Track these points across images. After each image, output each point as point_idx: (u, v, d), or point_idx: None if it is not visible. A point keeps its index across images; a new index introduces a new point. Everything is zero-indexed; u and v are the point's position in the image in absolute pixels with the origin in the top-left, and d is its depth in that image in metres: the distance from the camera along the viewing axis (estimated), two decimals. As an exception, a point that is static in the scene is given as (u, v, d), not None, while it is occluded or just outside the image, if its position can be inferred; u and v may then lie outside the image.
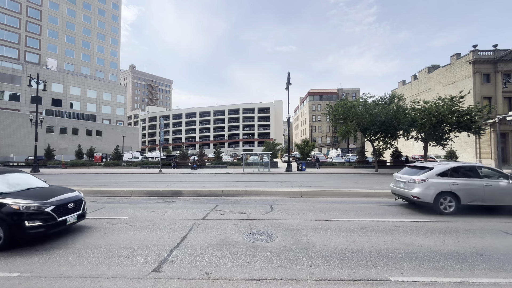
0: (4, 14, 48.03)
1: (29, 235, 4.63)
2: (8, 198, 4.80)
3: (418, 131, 23.06)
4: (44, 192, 5.51)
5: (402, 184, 8.21)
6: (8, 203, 4.66)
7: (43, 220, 4.73)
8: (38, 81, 22.98)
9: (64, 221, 5.10)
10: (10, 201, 4.70)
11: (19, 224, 4.53)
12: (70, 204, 5.33)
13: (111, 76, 63.62)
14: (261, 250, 4.61)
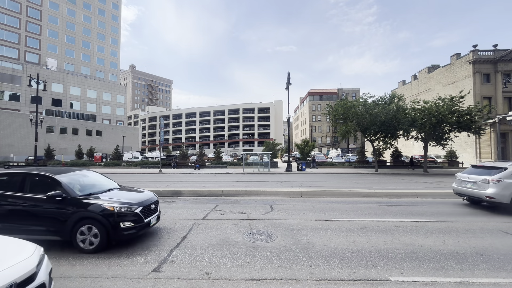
0: (4, 14, 48.03)
1: (123, 236, 4.60)
2: (99, 200, 4.76)
3: (418, 131, 23.06)
4: (126, 193, 5.47)
5: (471, 184, 8.13)
6: (103, 204, 4.62)
7: (133, 221, 4.70)
8: (38, 81, 22.97)
9: (149, 222, 5.05)
10: (104, 202, 4.67)
11: (115, 225, 4.49)
12: (152, 205, 5.31)
13: (111, 76, 63.61)
14: (261, 250, 4.61)
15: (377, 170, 24.64)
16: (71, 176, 5.29)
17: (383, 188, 12.35)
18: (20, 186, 4.89)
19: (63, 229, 4.49)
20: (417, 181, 16.16)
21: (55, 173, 5.15)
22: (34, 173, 5.11)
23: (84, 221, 4.52)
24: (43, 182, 5.02)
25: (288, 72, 24.38)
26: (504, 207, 7.42)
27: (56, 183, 4.86)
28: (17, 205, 4.71)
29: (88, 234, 4.51)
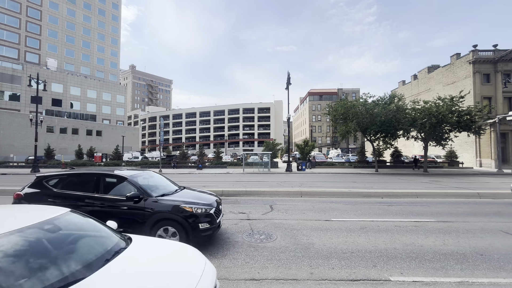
0: (4, 14, 48.02)
1: (201, 238, 4.56)
2: (175, 201, 4.72)
3: (418, 131, 23.06)
4: (194, 193, 5.44)
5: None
6: (181, 205, 4.59)
7: (209, 222, 4.67)
8: (38, 81, 22.97)
9: (219, 223, 5.04)
10: (182, 203, 4.64)
11: (194, 226, 4.45)
12: (220, 206, 5.33)
13: (111, 76, 63.61)
14: (261, 250, 4.61)
15: (377, 170, 24.64)
16: (142, 177, 5.26)
17: (383, 188, 12.35)
18: (95, 187, 4.83)
19: (142, 231, 4.43)
20: (417, 181, 16.16)
21: (127, 173, 5.13)
22: (108, 174, 5.10)
23: (163, 222, 4.49)
24: (117, 182, 5.04)
25: (288, 72, 24.38)
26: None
27: (131, 184, 4.83)
28: (94, 205, 4.66)
29: (166, 236, 4.45)
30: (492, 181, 16.79)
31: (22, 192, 4.99)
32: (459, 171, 24.58)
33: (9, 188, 11.18)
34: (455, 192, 10.92)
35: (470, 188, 12.48)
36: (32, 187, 5.11)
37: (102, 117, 59.32)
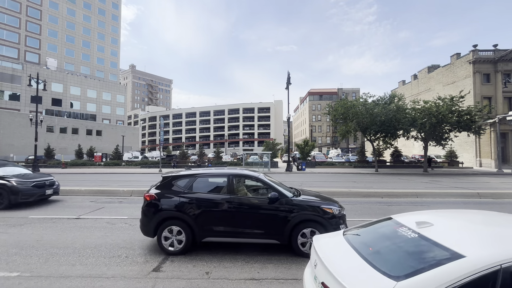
0: (4, 14, 48.01)
1: None
2: (310, 201, 4.62)
3: (418, 131, 23.06)
4: (313, 193, 5.40)
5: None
6: (321, 206, 4.48)
7: (345, 224, 4.57)
8: (38, 80, 22.95)
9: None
10: (320, 205, 4.54)
11: (336, 229, 4.23)
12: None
13: (111, 75, 63.60)
14: (261, 250, 4.61)
15: (377, 170, 24.65)
16: (265, 176, 5.17)
17: (383, 188, 12.36)
18: (228, 188, 4.70)
19: (282, 232, 4.34)
20: (417, 181, 16.17)
21: (256, 174, 5.09)
22: (240, 174, 5.05)
23: (305, 224, 4.37)
24: (253, 183, 5.02)
25: (288, 72, 24.37)
26: None
27: (266, 184, 4.79)
28: (233, 208, 4.53)
29: (310, 238, 4.33)
30: (492, 181, 16.79)
31: (153, 193, 4.77)
32: (459, 171, 24.59)
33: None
34: (455, 192, 10.93)
35: (470, 188, 12.48)
36: (160, 188, 4.90)
37: (102, 116, 59.33)
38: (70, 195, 10.42)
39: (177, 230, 4.44)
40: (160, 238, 4.44)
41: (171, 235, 4.45)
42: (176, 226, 4.45)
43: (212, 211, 4.51)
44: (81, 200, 9.44)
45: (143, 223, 4.64)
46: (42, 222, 6.43)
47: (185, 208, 4.50)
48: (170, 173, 5.17)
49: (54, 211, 7.77)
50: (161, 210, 4.54)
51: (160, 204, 4.60)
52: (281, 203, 4.48)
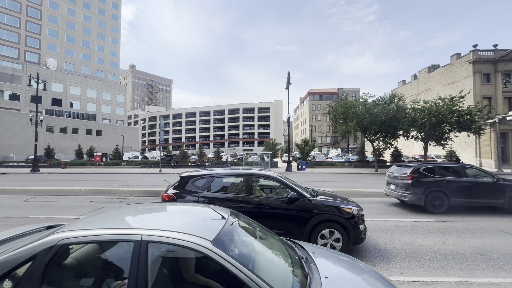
0: (4, 14, 48.00)
1: (360, 240, 4.43)
2: (330, 201, 4.63)
3: (418, 131, 23.05)
4: (331, 195, 5.38)
5: None
6: (340, 206, 4.48)
7: (364, 223, 4.59)
8: (38, 80, 22.95)
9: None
10: (340, 205, 4.52)
11: (355, 228, 4.32)
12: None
13: (111, 75, 63.59)
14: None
15: (377, 170, 24.65)
16: (284, 177, 5.15)
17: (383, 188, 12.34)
18: (247, 188, 4.67)
19: (302, 233, 4.31)
20: (417, 181, 16.13)
21: (273, 174, 5.06)
22: (258, 174, 5.02)
23: (325, 224, 4.34)
24: (265, 182, 5.00)
25: (288, 71, 24.37)
26: None
27: (285, 185, 4.77)
28: (252, 207, 4.47)
29: (330, 238, 4.33)
30: (492, 181, 16.76)
31: (171, 193, 4.73)
32: (459, 171, 24.54)
33: (9, 188, 11.19)
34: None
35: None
36: (178, 188, 4.86)
37: (102, 116, 59.32)
38: (70, 195, 10.42)
39: None
40: None
41: None
42: None
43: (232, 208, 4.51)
44: (81, 200, 9.44)
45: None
46: (42, 222, 6.42)
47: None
48: (188, 173, 5.15)
49: (54, 211, 7.76)
50: None
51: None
52: (300, 203, 4.46)
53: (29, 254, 1.75)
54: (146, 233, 1.83)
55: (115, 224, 2.15)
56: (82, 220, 2.24)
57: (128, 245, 1.82)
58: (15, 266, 1.73)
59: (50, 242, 1.78)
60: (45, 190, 10.85)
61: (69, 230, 1.91)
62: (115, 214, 2.48)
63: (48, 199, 9.56)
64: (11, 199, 9.51)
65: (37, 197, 10.05)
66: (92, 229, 1.94)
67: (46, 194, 10.53)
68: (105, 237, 1.87)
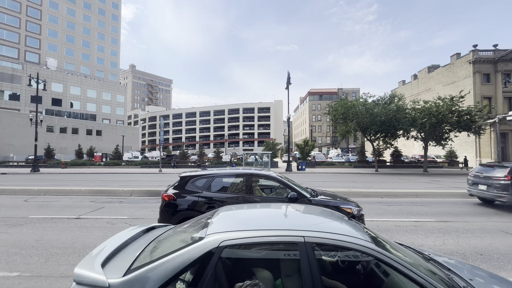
0: (4, 14, 48.00)
1: None
2: (329, 201, 4.64)
3: (418, 131, 23.06)
4: (330, 195, 5.35)
5: None
6: (340, 207, 4.44)
7: (363, 223, 4.59)
8: (38, 80, 22.95)
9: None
10: (341, 205, 4.51)
11: None
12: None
13: (111, 75, 63.60)
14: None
15: (377, 170, 24.65)
16: (283, 176, 5.14)
17: (383, 188, 12.36)
18: (247, 187, 4.69)
19: None
20: (417, 181, 16.17)
21: (273, 174, 5.07)
22: (258, 174, 5.04)
23: None
24: (270, 183, 5.02)
25: (288, 71, 24.39)
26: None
27: (284, 184, 4.77)
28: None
29: None
30: (492, 181, 16.77)
31: (171, 193, 4.71)
32: (459, 171, 24.59)
33: (9, 188, 11.19)
34: (455, 192, 10.92)
35: (470, 188, 12.46)
36: (178, 188, 4.84)
37: (102, 116, 59.32)
38: (70, 195, 10.42)
39: None
40: None
41: None
42: None
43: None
44: (81, 200, 9.44)
45: (161, 223, 4.62)
46: (42, 222, 6.43)
47: (205, 208, 4.49)
48: (188, 173, 5.14)
49: (54, 211, 7.77)
50: (180, 210, 4.53)
51: (178, 204, 4.58)
52: (300, 203, 4.48)
53: (190, 258, 1.73)
54: (308, 235, 1.81)
55: (259, 225, 2.10)
56: (215, 223, 2.12)
57: (293, 246, 1.82)
58: (180, 271, 1.70)
59: (211, 245, 1.77)
60: (45, 190, 10.86)
61: (222, 232, 1.88)
62: (244, 215, 2.47)
63: (48, 199, 9.56)
64: (11, 199, 9.52)
65: (37, 197, 10.05)
66: (251, 231, 1.91)
67: (46, 194, 10.54)
68: (268, 238, 1.84)
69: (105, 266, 1.83)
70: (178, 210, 4.53)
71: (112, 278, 1.68)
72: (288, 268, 1.94)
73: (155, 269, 1.70)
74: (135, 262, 1.87)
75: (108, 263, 1.89)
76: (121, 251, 2.09)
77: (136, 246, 2.20)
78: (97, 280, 1.67)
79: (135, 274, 1.69)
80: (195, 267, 1.76)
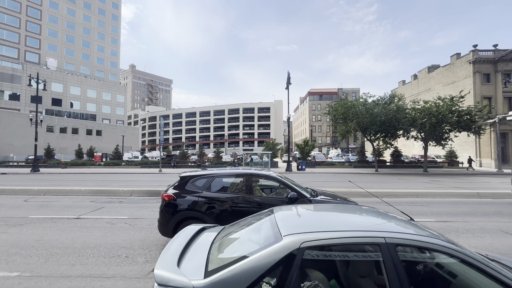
0: (4, 14, 48.00)
1: None
2: (330, 200, 4.74)
3: (418, 131, 23.06)
4: (331, 195, 5.41)
5: None
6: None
7: None
8: (38, 80, 22.95)
9: None
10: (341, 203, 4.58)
11: None
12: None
13: (111, 75, 63.59)
14: (261, 250, 4.60)
15: (377, 170, 24.65)
16: (284, 177, 5.15)
17: (383, 188, 12.36)
18: (246, 188, 4.69)
19: None
20: (417, 181, 16.16)
21: (273, 174, 5.08)
22: (258, 174, 5.04)
23: None
24: (269, 183, 5.05)
25: (288, 72, 24.38)
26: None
27: (284, 185, 4.78)
28: (251, 207, 4.49)
29: None
30: (492, 181, 16.79)
31: (171, 193, 4.69)
32: (459, 171, 24.58)
33: (9, 188, 11.19)
34: (455, 192, 10.92)
35: (470, 188, 12.48)
36: (177, 188, 4.82)
37: (102, 116, 59.32)
38: (70, 195, 10.42)
39: None
40: None
41: None
42: None
43: (232, 211, 4.49)
44: (81, 200, 9.44)
45: (161, 223, 4.61)
46: (42, 222, 6.43)
47: (205, 208, 4.50)
48: (188, 173, 5.14)
49: (54, 211, 7.76)
50: (180, 210, 4.53)
51: (178, 204, 4.58)
52: (300, 203, 4.49)
53: (272, 260, 1.72)
54: (388, 235, 1.79)
55: (333, 226, 2.10)
56: (285, 224, 2.10)
57: (373, 248, 1.80)
58: (263, 273, 1.69)
59: (292, 246, 1.76)
60: (45, 190, 10.85)
61: (301, 233, 1.87)
62: (311, 216, 2.51)
63: (48, 199, 9.56)
64: (11, 199, 9.52)
65: (37, 197, 10.05)
66: (331, 232, 1.90)
67: (46, 194, 10.54)
68: (349, 239, 1.82)
69: (179, 267, 1.86)
70: (178, 210, 4.54)
71: (194, 280, 1.70)
72: (366, 269, 1.92)
73: (237, 272, 1.70)
74: (209, 264, 1.88)
75: (180, 264, 1.92)
76: (185, 253, 2.12)
77: (197, 247, 2.22)
78: (180, 282, 1.69)
79: (218, 277, 1.70)
80: (278, 270, 1.74)
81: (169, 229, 4.50)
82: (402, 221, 2.22)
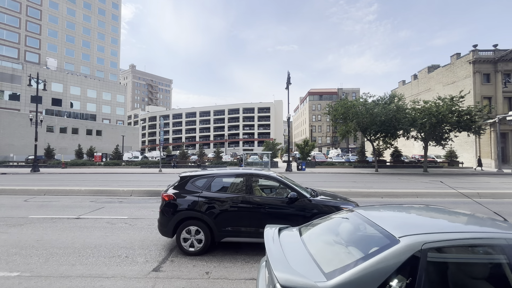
0: (4, 14, 48.00)
1: None
2: (330, 202, 4.69)
3: (418, 131, 23.06)
4: (330, 194, 5.42)
5: None
6: (341, 206, 4.50)
7: None
8: (38, 80, 22.95)
9: None
10: (341, 204, 4.59)
11: None
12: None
13: (111, 75, 63.60)
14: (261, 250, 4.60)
15: (377, 170, 24.65)
16: (284, 177, 5.14)
17: (383, 188, 12.35)
18: (247, 188, 4.68)
19: None
20: (417, 181, 16.16)
21: (273, 174, 5.06)
22: (258, 174, 5.04)
23: None
24: (265, 182, 5.08)
25: (288, 72, 24.38)
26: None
27: (285, 185, 4.78)
28: (252, 207, 4.49)
29: None
30: (492, 181, 16.78)
31: (171, 193, 4.68)
32: (459, 171, 24.58)
33: (9, 188, 11.19)
34: (455, 192, 10.91)
35: (470, 188, 12.47)
36: (177, 188, 4.81)
37: (102, 116, 59.32)
38: (70, 195, 10.42)
39: (195, 229, 4.45)
40: (179, 238, 4.44)
41: (190, 235, 4.45)
42: (194, 226, 4.46)
43: (232, 211, 4.50)
44: (81, 200, 9.44)
45: (161, 223, 4.62)
46: (42, 222, 6.43)
47: (204, 208, 4.50)
48: (188, 173, 5.14)
49: (54, 211, 7.76)
50: (180, 210, 4.54)
51: (178, 204, 4.59)
52: (300, 203, 4.48)
53: (395, 263, 1.67)
54: (507, 237, 1.77)
55: (446, 227, 2.07)
56: (391, 223, 2.06)
57: (493, 249, 1.77)
58: (387, 277, 1.65)
59: (413, 248, 1.71)
60: (45, 190, 10.85)
61: (421, 234, 1.82)
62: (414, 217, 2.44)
63: (48, 199, 9.55)
64: (11, 199, 9.51)
65: (37, 197, 10.05)
66: (451, 233, 1.86)
67: (46, 194, 10.54)
68: (472, 241, 1.78)
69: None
70: (178, 210, 4.54)
71: (319, 282, 1.68)
72: (488, 272, 1.85)
73: (361, 275, 1.67)
74: (322, 267, 1.84)
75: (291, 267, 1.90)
76: (285, 254, 2.09)
77: (292, 249, 2.19)
78: (306, 284, 1.67)
79: (341, 280, 1.67)
80: (402, 273, 1.68)
81: (169, 229, 4.50)
82: (500, 222, 2.16)
